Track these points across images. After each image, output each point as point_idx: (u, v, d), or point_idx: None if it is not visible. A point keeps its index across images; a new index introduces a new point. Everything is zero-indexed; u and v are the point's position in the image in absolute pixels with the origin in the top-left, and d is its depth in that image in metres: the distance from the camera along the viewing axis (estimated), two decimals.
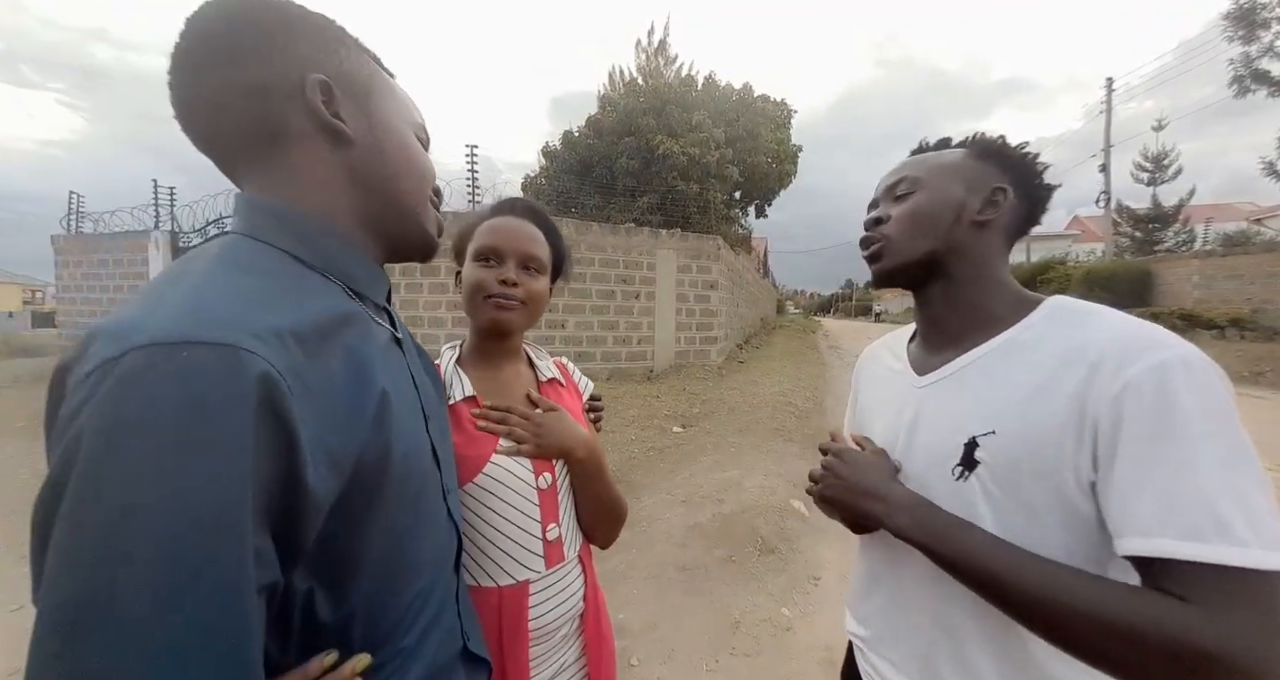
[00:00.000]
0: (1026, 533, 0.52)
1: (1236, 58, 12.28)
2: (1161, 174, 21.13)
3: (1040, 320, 0.59)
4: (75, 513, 0.30)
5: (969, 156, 0.67)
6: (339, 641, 0.42)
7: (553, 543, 0.77)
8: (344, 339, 0.43)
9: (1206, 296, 13.15)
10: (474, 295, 0.77)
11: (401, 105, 0.53)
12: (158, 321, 0.33)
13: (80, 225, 9.24)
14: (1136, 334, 0.51)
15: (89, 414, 0.31)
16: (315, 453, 0.36)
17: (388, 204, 0.51)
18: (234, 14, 0.44)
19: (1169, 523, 0.44)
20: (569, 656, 0.81)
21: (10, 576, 2.47)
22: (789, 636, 2.03)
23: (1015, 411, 0.54)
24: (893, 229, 0.66)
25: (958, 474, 0.56)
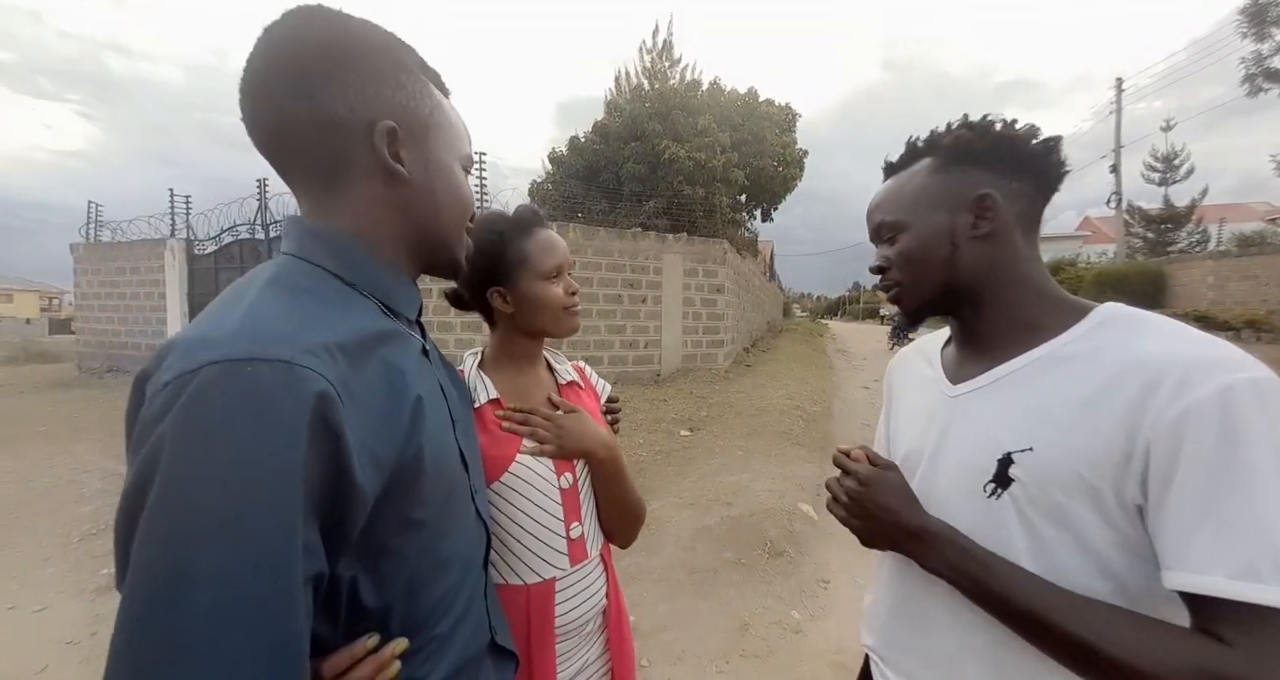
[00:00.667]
0: (1061, 555, 0.49)
1: (1248, 56, 12.15)
2: (1172, 174, 20.89)
3: (1088, 331, 0.54)
4: (160, 506, 0.34)
5: (937, 170, 0.62)
6: (380, 627, 0.46)
7: (576, 541, 0.80)
8: (381, 352, 0.47)
9: (1221, 298, 12.96)
10: (555, 310, 0.81)
11: (455, 138, 0.56)
12: (225, 339, 0.37)
13: (98, 234, 9.43)
14: (1202, 352, 0.46)
15: (170, 421, 0.35)
16: (361, 454, 0.40)
17: (429, 234, 0.55)
18: (310, 43, 0.46)
19: (1223, 560, 0.41)
20: (593, 653, 0.84)
21: (34, 578, 2.53)
22: (799, 639, 2.03)
23: (1056, 428, 0.50)
24: (898, 274, 0.64)
25: (990, 491, 0.54)
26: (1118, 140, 17.47)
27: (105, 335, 9.20)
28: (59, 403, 6.44)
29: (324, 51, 0.46)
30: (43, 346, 13.43)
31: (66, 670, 1.91)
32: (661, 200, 10.24)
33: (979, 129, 0.60)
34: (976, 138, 0.60)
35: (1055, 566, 0.50)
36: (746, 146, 11.74)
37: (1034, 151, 0.59)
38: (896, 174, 0.67)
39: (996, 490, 0.53)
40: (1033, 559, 0.51)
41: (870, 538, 0.63)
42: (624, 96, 12.36)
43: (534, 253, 0.80)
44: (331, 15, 0.48)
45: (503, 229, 0.81)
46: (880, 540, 0.62)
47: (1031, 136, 0.59)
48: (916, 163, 0.64)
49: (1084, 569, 0.49)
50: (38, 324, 26.29)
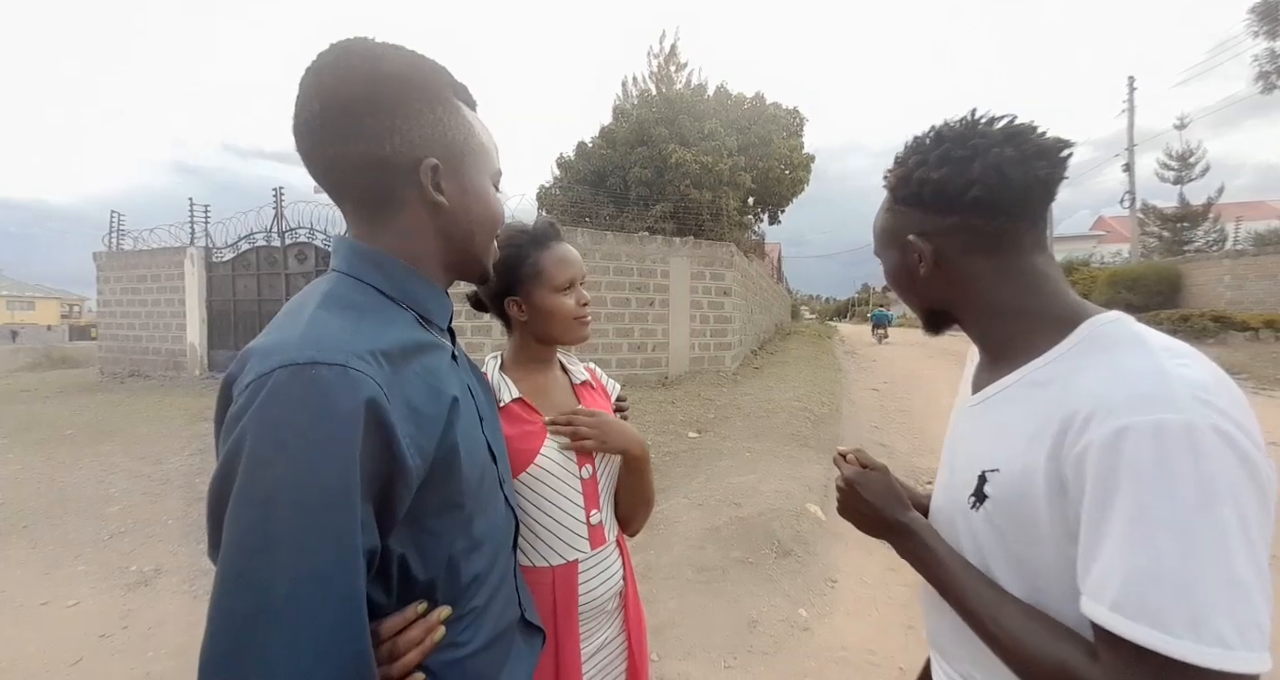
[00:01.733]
0: (1031, 563, 0.52)
1: (1261, 54, 12.00)
2: (1188, 172, 20.60)
3: (1063, 353, 0.54)
4: (246, 486, 0.41)
5: (887, 209, 0.65)
6: (426, 598, 0.53)
7: (595, 527, 0.87)
8: (419, 358, 0.54)
9: (1239, 298, 12.74)
10: (566, 321, 0.88)
11: (485, 158, 0.61)
12: (294, 346, 0.45)
13: (120, 242, 9.68)
14: (1124, 391, 0.46)
15: (251, 416, 0.42)
16: (408, 444, 0.47)
17: (464, 250, 0.62)
18: (356, 90, 0.51)
19: (1105, 591, 0.44)
20: (612, 631, 0.91)
21: (66, 574, 2.63)
22: (806, 636, 2.06)
23: (1017, 453, 0.53)
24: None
25: (971, 504, 0.58)
26: (1130, 139, 17.28)
27: (127, 341, 9.43)
28: (83, 407, 6.62)
29: (370, 98, 0.52)
30: (65, 352, 13.77)
31: (100, 662, 2.00)
32: (668, 204, 10.30)
33: (904, 173, 0.61)
34: (899, 184, 0.61)
35: (1025, 571, 0.53)
36: (753, 150, 11.78)
37: (967, 182, 0.56)
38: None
39: (976, 504, 0.57)
40: (1007, 568, 0.54)
41: (863, 528, 0.70)
42: (631, 102, 12.46)
43: (548, 266, 0.87)
44: (372, 55, 0.53)
45: (520, 243, 0.88)
46: (870, 531, 0.69)
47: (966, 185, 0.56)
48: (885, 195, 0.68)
49: (1049, 574, 0.51)
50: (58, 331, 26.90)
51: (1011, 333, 0.59)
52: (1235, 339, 10.98)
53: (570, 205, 10.88)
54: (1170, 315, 12.32)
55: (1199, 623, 0.40)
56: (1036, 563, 0.52)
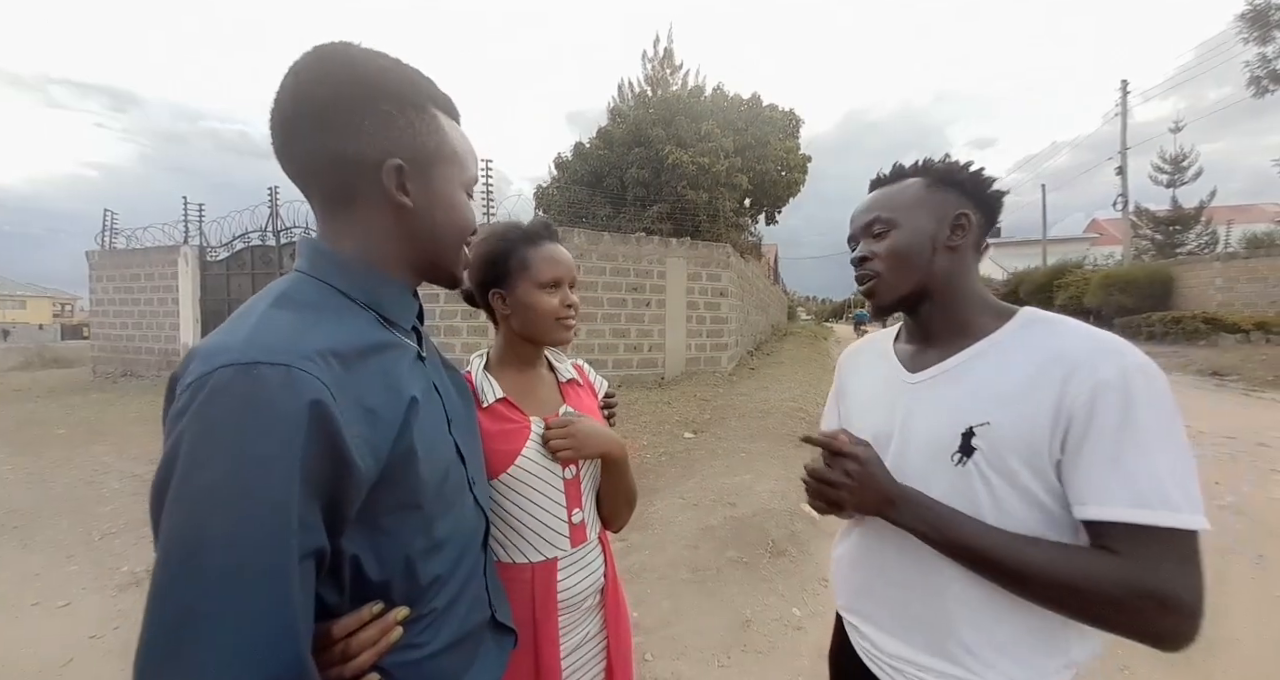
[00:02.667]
0: (1015, 506, 0.62)
1: (1253, 59, 12.13)
2: (1180, 176, 20.77)
3: (1017, 328, 0.69)
4: (181, 486, 0.42)
5: (927, 187, 0.74)
6: (382, 598, 0.53)
7: (577, 525, 0.87)
8: (377, 358, 0.54)
9: (1230, 300, 12.86)
10: (547, 320, 0.87)
11: (458, 166, 0.61)
12: (237, 346, 0.45)
13: (114, 241, 9.61)
14: (1101, 343, 0.61)
15: (190, 416, 0.42)
16: (358, 443, 0.47)
17: (428, 255, 0.62)
18: (331, 89, 0.52)
19: (1123, 495, 0.56)
20: (592, 628, 0.91)
21: (58, 575, 2.61)
22: (800, 635, 2.07)
23: (1005, 404, 0.63)
24: (881, 266, 0.74)
25: (957, 460, 0.65)
26: (1123, 142, 17.42)
27: (120, 340, 9.37)
28: (75, 407, 6.57)
29: (342, 98, 0.53)
30: (56, 352, 13.66)
31: (91, 664, 1.98)
32: (665, 205, 10.32)
33: (960, 164, 0.74)
34: (959, 169, 0.73)
35: (1008, 514, 0.63)
36: (750, 151, 11.81)
37: (993, 193, 0.74)
38: (884, 187, 0.78)
39: (962, 458, 0.65)
40: (992, 511, 0.63)
41: (857, 506, 0.73)
42: (627, 103, 12.47)
43: (535, 262, 0.86)
44: (349, 59, 0.54)
45: (512, 238, 0.87)
46: (864, 507, 0.72)
47: (992, 180, 0.74)
48: (905, 180, 0.76)
49: (1027, 513, 0.62)
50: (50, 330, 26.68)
51: (969, 317, 0.72)
52: (1226, 341, 11.08)
53: (567, 206, 10.88)
54: (1162, 317, 12.41)
55: (1190, 501, 0.55)
56: (1017, 496, 0.62)
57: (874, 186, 0.80)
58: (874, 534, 0.76)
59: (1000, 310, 0.72)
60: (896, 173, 0.78)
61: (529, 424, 0.85)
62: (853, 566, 0.81)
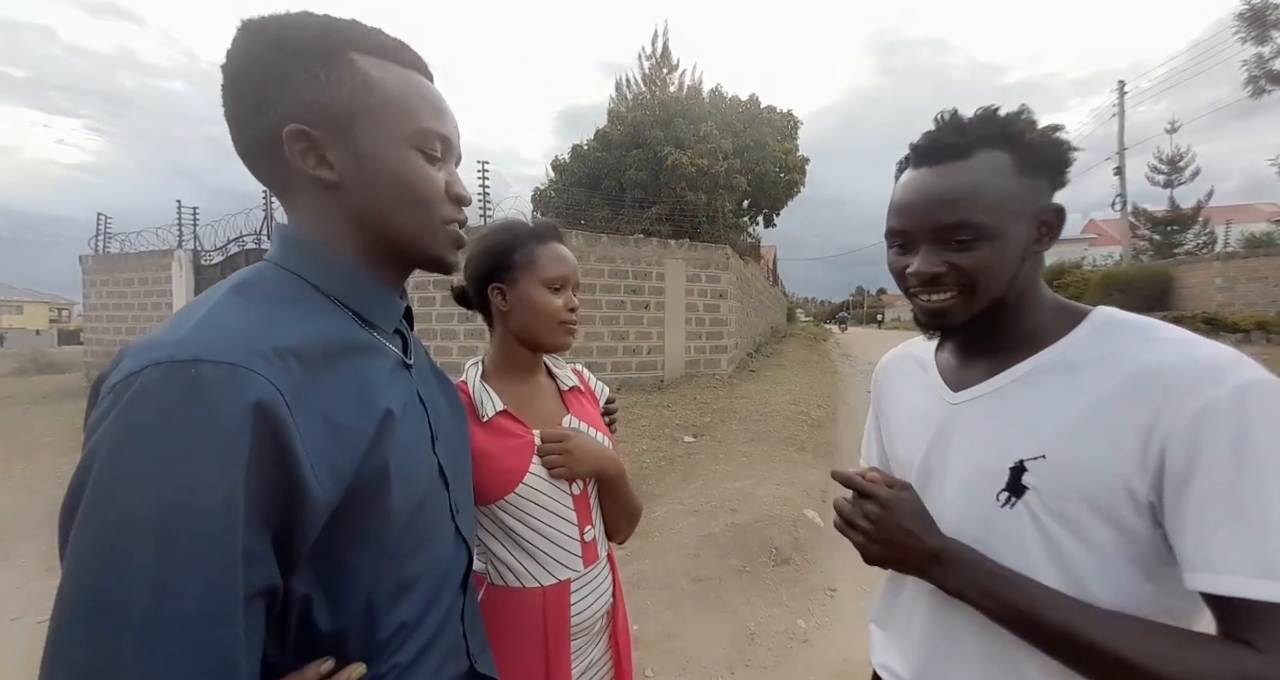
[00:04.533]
0: (1080, 560, 0.49)
1: (1250, 59, 12.15)
2: (1177, 176, 20.82)
3: (1088, 335, 0.54)
4: (92, 511, 0.34)
5: (1020, 173, 0.54)
6: (334, 652, 0.44)
7: (589, 543, 0.82)
8: (349, 362, 0.46)
9: (1230, 300, 12.84)
10: (550, 321, 0.81)
11: (394, 117, 0.48)
12: (174, 341, 0.37)
13: (107, 246, 9.54)
14: (1208, 354, 0.47)
15: (107, 424, 0.35)
16: (315, 462, 0.39)
17: (385, 234, 0.51)
18: (236, 62, 0.46)
19: (1241, 560, 0.41)
20: (598, 652, 0.85)
21: (40, 588, 2.52)
22: (806, 648, 2.00)
23: (1068, 434, 0.50)
24: (965, 281, 0.55)
25: (1004, 500, 0.53)
26: (1121, 142, 17.44)
27: (113, 345, 9.28)
28: (67, 414, 6.48)
29: (243, 69, 0.46)
30: (51, 357, 13.55)
31: None
32: (664, 206, 10.28)
33: (1051, 133, 0.55)
34: (1053, 145, 0.55)
35: (1073, 574, 0.49)
36: (748, 153, 11.79)
37: (1067, 171, 0.56)
38: (950, 162, 0.55)
39: (1010, 499, 0.52)
40: (1050, 567, 0.50)
41: (888, 561, 0.60)
42: (625, 104, 12.45)
43: (541, 258, 0.82)
44: (258, 27, 0.46)
45: (519, 232, 0.83)
46: (899, 564, 0.59)
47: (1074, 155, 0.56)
48: (981, 152, 0.54)
49: (1102, 574, 0.48)
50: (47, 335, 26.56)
51: (1035, 322, 0.58)
52: (1226, 341, 10.99)
53: (566, 208, 10.83)
54: (1163, 317, 12.36)
55: None
56: (1085, 550, 0.49)
57: (932, 158, 0.56)
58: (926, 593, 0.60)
59: (1068, 311, 0.57)
60: (968, 139, 0.54)
61: (533, 438, 0.79)
62: (904, 631, 0.64)
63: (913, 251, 0.58)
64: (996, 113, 0.55)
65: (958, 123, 0.56)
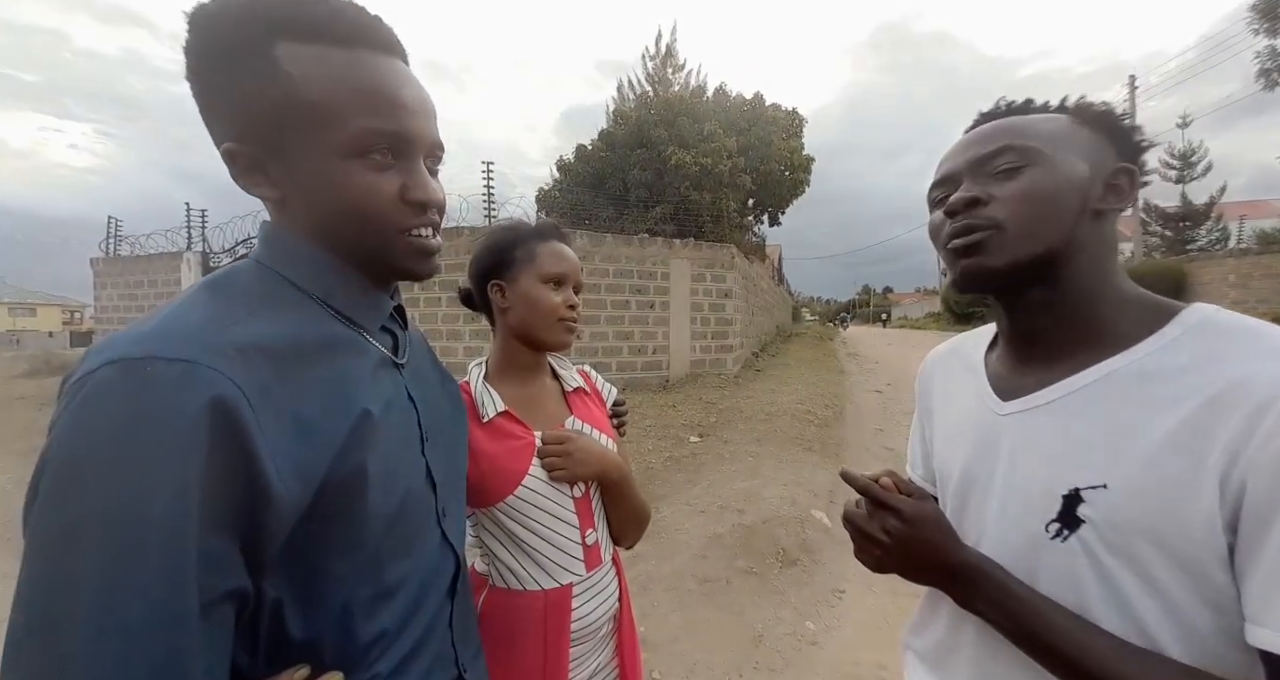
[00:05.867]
0: (1145, 607, 0.43)
1: (1263, 51, 11.97)
2: (1190, 171, 20.56)
3: (1176, 339, 0.46)
4: (44, 513, 0.33)
5: (1078, 125, 0.52)
6: (309, 659, 0.42)
7: (591, 547, 0.81)
8: (325, 360, 0.44)
9: (1244, 297, 12.64)
10: (548, 317, 0.80)
11: (323, 126, 0.43)
12: (134, 339, 0.36)
13: (118, 248, 9.66)
14: None
15: (60, 424, 0.34)
16: (281, 463, 0.38)
17: (346, 249, 0.48)
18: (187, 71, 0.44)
19: None
20: (604, 658, 0.84)
21: None
22: (814, 651, 1.98)
23: (1138, 461, 0.43)
24: (1005, 213, 0.49)
25: (1054, 532, 0.46)
26: None
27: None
28: None
29: (191, 70, 0.44)
30: (64, 359, 13.72)
31: None
32: (668, 206, 10.27)
33: (1108, 108, 0.53)
34: (1104, 111, 0.52)
35: (1137, 622, 0.43)
36: (753, 151, 11.75)
37: (1143, 152, 0.53)
38: (1008, 118, 0.54)
39: (1062, 531, 0.46)
40: (1110, 612, 0.44)
41: (903, 574, 0.56)
42: (629, 104, 12.45)
43: (542, 255, 0.81)
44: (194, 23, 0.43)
45: (520, 230, 0.84)
46: (916, 576, 0.56)
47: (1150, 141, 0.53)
48: (1039, 112, 0.54)
49: (1172, 625, 0.42)
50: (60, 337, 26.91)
51: (1101, 316, 0.50)
52: None
53: (570, 208, 10.83)
54: None
55: None
56: (1151, 594, 0.42)
57: (987, 118, 0.55)
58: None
59: (1154, 308, 0.49)
60: (1021, 107, 0.55)
61: (534, 440, 0.78)
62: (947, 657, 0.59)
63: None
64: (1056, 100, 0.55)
65: (1025, 100, 0.56)
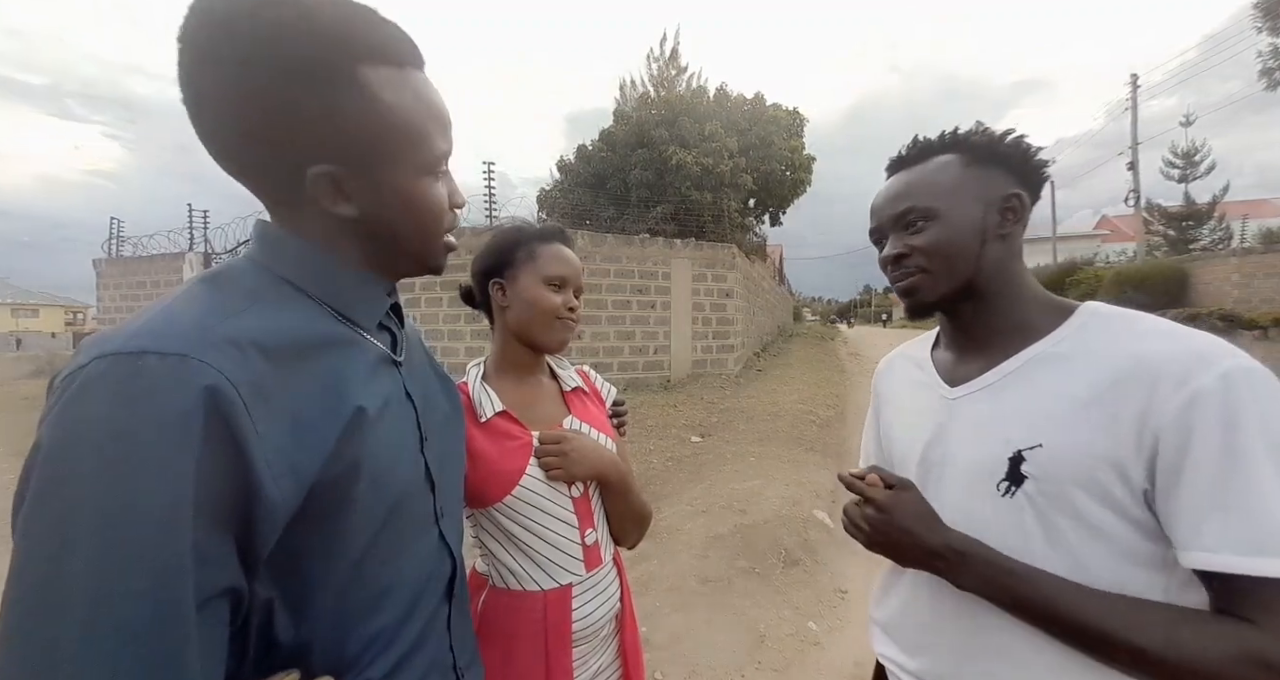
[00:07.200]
0: (1080, 546, 0.51)
1: (1265, 50, 11.93)
2: (1193, 170, 20.48)
3: (1077, 329, 0.58)
4: (33, 511, 0.32)
5: (967, 165, 0.62)
6: (301, 664, 0.42)
7: (591, 547, 0.80)
8: (321, 357, 0.44)
9: (1247, 296, 12.60)
10: (546, 316, 0.80)
11: (411, 147, 0.47)
12: (126, 333, 0.36)
13: (120, 249, 9.68)
14: (1195, 345, 0.50)
15: (51, 419, 0.34)
16: (274, 460, 0.37)
17: (390, 251, 0.51)
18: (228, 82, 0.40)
19: (1234, 538, 0.44)
20: (606, 658, 0.84)
21: None
22: (817, 651, 1.98)
23: (1062, 424, 0.53)
24: (924, 261, 0.63)
25: (1004, 490, 0.55)
26: (1134, 137, 17.18)
27: None
28: None
29: (229, 83, 0.40)
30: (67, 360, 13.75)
31: None
32: (669, 206, 10.25)
33: (993, 136, 0.63)
34: (1001, 141, 0.62)
35: (1074, 559, 0.52)
36: (754, 151, 11.73)
37: (1038, 165, 0.63)
38: (909, 168, 0.66)
39: (1010, 488, 0.55)
40: (1052, 554, 0.53)
41: (897, 558, 0.63)
42: (630, 104, 12.44)
43: (543, 256, 0.82)
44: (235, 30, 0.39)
45: (524, 230, 0.85)
46: (906, 561, 0.62)
47: (1037, 150, 0.63)
48: (935, 158, 0.64)
49: (1102, 559, 0.51)
50: (63, 338, 26.98)
51: (1021, 316, 0.61)
52: (1244, 338, 10.84)
53: (571, 208, 10.82)
54: (1178, 314, 12.14)
55: None
56: (1084, 534, 0.51)
57: (895, 167, 0.68)
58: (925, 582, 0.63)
59: (1056, 306, 0.62)
60: (923, 149, 0.65)
61: (531, 440, 0.78)
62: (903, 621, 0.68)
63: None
64: (949, 131, 0.65)
65: (922, 142, 0.66)
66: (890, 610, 0.70)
